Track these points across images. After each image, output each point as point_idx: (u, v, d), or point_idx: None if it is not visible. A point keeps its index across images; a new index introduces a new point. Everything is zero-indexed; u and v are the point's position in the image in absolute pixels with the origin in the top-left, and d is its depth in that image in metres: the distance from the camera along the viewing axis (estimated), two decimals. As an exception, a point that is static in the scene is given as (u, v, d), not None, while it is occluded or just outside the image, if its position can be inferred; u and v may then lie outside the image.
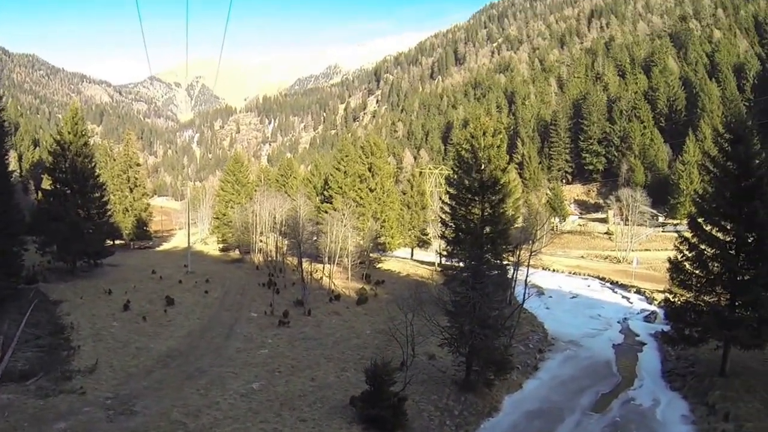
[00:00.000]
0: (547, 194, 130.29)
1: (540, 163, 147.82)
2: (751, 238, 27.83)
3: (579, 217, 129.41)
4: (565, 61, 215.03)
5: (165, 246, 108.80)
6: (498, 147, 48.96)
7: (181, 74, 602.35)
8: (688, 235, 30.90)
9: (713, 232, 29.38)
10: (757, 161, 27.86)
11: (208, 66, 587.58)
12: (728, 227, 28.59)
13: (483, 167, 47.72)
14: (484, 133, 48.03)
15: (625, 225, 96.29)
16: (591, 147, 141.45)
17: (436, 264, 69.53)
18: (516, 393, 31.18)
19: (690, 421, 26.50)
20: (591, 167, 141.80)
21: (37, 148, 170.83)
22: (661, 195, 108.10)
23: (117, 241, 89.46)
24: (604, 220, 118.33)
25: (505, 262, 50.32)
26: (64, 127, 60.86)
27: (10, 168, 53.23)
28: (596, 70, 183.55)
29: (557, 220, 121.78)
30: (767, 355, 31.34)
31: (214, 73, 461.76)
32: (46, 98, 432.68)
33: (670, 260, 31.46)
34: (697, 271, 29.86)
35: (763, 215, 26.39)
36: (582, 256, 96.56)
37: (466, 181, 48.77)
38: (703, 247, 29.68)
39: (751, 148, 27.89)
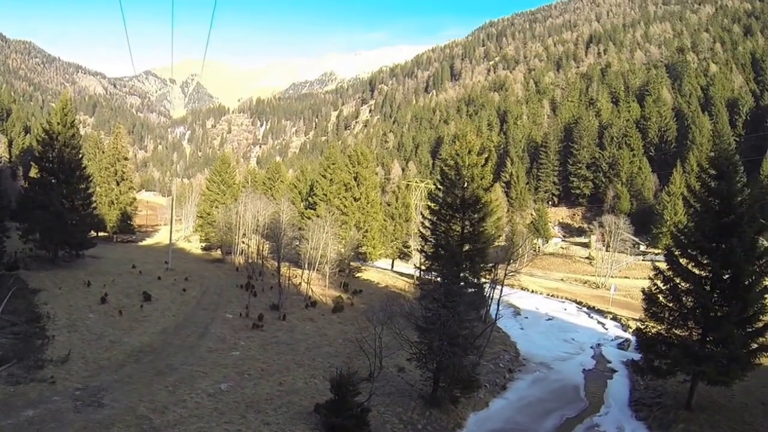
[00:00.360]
0: (532, 215, 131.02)
1: (527, 183, 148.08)
2: (727, 275, 28.01)
3: (562, 240, 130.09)
4: (560, 84, 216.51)
5: (148, 241, 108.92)
6: (482, 166, 49.30)
7: (176, 71, 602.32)
8: (663, 267, 31.11)
9: (689, 266, 29.62)
10: (739, 199, 28.23)
11: (204, 66, 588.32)
12: (704, 262, 28.77)
13: (466, 185, 48.08)
14: (469, 152, 48.35)
15: (607, 251, 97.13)
16: (579, 171, 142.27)
17: (415, 277, 69.96)
18: (482, 411, 31.35)
19: None
20: (578, 191, 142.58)
21: (28, 134, 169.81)
22: (645, 224, 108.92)
23: (100, 233, 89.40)
24: (586, 245, 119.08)
25: (482, 281, 50.68)
26: (54, 117, 61.01)
27: (0, 151, 53.16)
28: (590, 96, 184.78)
29: (540, 241, 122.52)
30: (734, 391, 31.56)
31: (210, 72, 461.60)
32: (40, 86, 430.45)
33: (643, 291, 31.76)
34: (670, 305, 30.08)
35: (740, 253, 26.59)
36: (562, 279, 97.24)
37: (449, 198, 49.17)
38: (678, 280, 29.89)
39: (733, 185, 28.18)
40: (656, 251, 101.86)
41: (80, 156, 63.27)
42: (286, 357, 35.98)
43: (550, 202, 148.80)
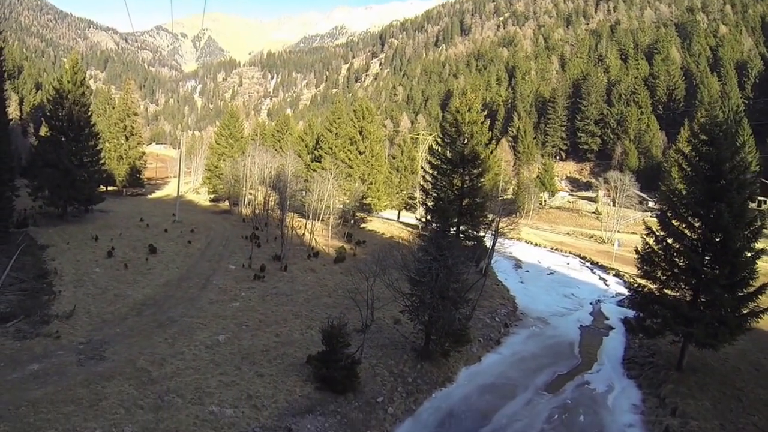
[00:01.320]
0: (538, 169, 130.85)
1: (535, 138, 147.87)
2: (717, 239, 28.11)
3: (569, 194, 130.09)
4: (569, 41, 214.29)
5: (157, 194, 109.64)
6: (481, 123, 49.73)
7: (188, 25, 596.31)
8: (654, 227, 31.33)
9: (681, 228, 29.74)
10: (729, 165, 28.19)
11: (216, 20, 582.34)
12: (696, 225, 28.89)
13: (466, 141, 48.86)
14: (469, 109, 49.17)
15: (613, 207, 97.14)
16: (587, 127, 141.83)
17: (420, 227, 70.59)
18: (474, 366, 31.71)
19: (639, 411, 27.00)
20: (586, 147, 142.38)
21: (39, 91, 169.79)
22: (653, 180, 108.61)
23: (110, 188, 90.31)
24: (593, 200, 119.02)
25: (481, 234, 51.10)
26: (64, 76, 61.38)
27: (11, 110, 53.38)
28: (599, 52, 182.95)
29: (546, 195, 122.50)
30: (729, 354, 31.81)
31: (221, 26, 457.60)
32: (52, 42, 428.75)
33: (636, 250, 32.05)
34: (662, 264, 30.26)
35: (728, 218, 26.67)
36: (568, 233, 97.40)
37: (449, 153, 49.99)
38: (670, 241, 30.08)
39: (724, 152, 28.06)
40: (666, 208, 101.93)
41: (89, 114, 63.80)
42: (285, 308, 36.60)
43: (557, 157, 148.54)
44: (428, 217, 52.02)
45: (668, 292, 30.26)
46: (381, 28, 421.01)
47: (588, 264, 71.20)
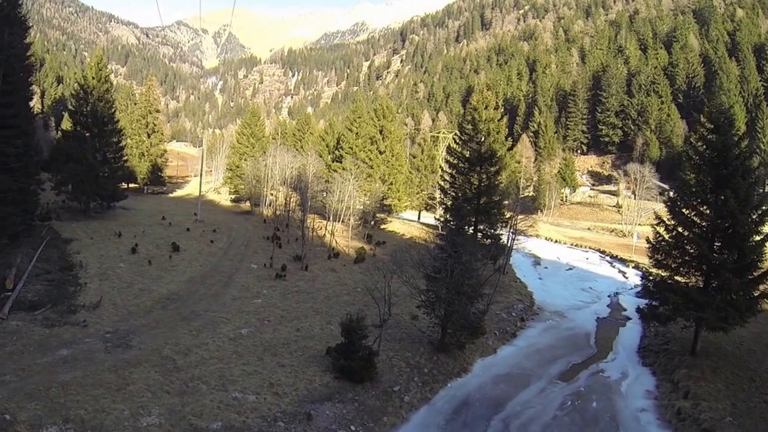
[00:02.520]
0: (560, 164, 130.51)
1: (556, 132, 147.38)
2: (725, 225, 28.71)
3: (590, 188, 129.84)
4: (589, 32, 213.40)
5: (178, 192, 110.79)
6: (498, 121, 50.39)
7: (208, 21, 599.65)
8: (665, 216, 31.96)
9: (691, 215, 30.38)
10: (735, 152, 28.79)
11: (237, 15, 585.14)
12: (704, 212, 29.52)
13: (483, 139, 49.36)
14: (486, 107, 49.97)
15: (634, 199, 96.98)
16: (608, 119, 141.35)
17: (440, 228, 71.13)
18: (489, 357, 32.54)
19: (653, 396, 27.64)
20: (607, 139, 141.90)
21: (61, 85, 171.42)
22: (674, 170, 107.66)
23: (131, 185, 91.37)
24: (615, 193, 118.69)
25: (499, 232, 51.66)
26: (89, 72, 62.61)
27: (32, 103, 54.53)
28: (618, 43, 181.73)
29: (567, 190, 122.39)
30: (744, 338, 32.42)
31: (243, 23, 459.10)
32: (73, 35, 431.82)
33: (647, 240, 32.70)
34: (673, 252, 30.92)
35: (734, 204, 27.28)
36: (589, 228, 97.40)
37: (466, 152, 50.65)
38: (680, 229, 30.71)
39: (729, 139, 28.74)
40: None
41: (113, 110, 64.76)
42: (305, 305, 37.56)
43: (579, 151, 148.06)
44: (447, 216, 52.63)
45: (679, 279, 30.90)
46: (402, 24, 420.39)
47: (607, 258, 71.48)
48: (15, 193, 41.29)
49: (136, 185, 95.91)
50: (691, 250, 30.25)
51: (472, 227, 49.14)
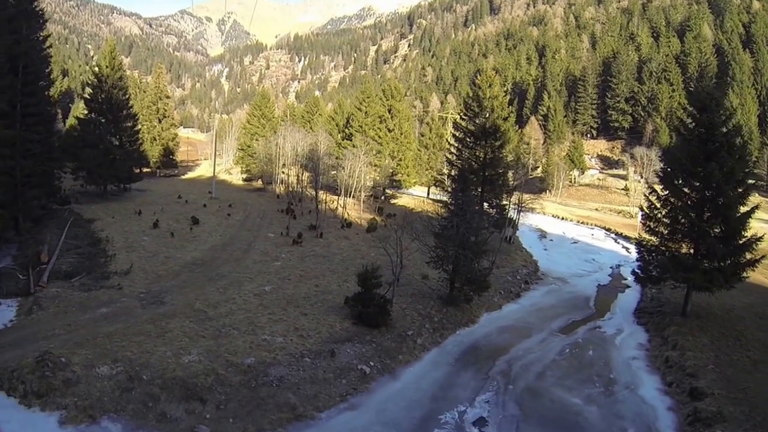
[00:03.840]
0: (568, 147, 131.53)
1: (565, 116, 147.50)
2: (710, 194, 30.95)
3: (599, 172, 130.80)
4: (600, 19, 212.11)
5: (190, 174, 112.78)
6: (502, 98, 53.11)
7: (212, 9, 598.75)
8: (657, 188, 34.31)
9: (681, 187, 32.56)
10: (724, 129, 31.12)
11: (241, 2, 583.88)
12: (695, 184, 31.66)
13: (487, 115, 51.63)
14: (489, 85, 52.53)
15: (640, 182, 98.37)
16: (618, 105, 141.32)
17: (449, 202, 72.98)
18: (494, 312, 35.17)
19: (644, 348, 30.02)
20: (616, 124, 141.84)
21: (66, 78, 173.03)
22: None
23: (144, 169, 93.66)
24: (624, 177, 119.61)
25: (504, 203, 53.84)
26: (102, 61, 65.47)
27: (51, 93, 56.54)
28: (630, 30, 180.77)
29: (576, 172, 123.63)
30: (735, 306, 34.66)
31: (246, 10, 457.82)
32: (75, 29, 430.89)
33: (641, 208, 35.04)
34: (664, 220, 33.25)
35: (718, 176, 29.58)
36: (596, 209, 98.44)
37: (471, 127, 52.70)
38: (672, 200, 32.96)
39: (716, 117, 30.98)
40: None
41: (127, 96, 67.55)
42: (322, 266, 39.91)
43: (588, 135, 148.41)
44: (453, 185, 54.78)
45: (670, 245, 33.11)
46: (409, 8, 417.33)
47: (612, 235, 72.99)
48: (39, 177, 43.71)
49: (148, 169, 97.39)
50: (681, 219, 32.48)
51: (478, 199, 51.22)
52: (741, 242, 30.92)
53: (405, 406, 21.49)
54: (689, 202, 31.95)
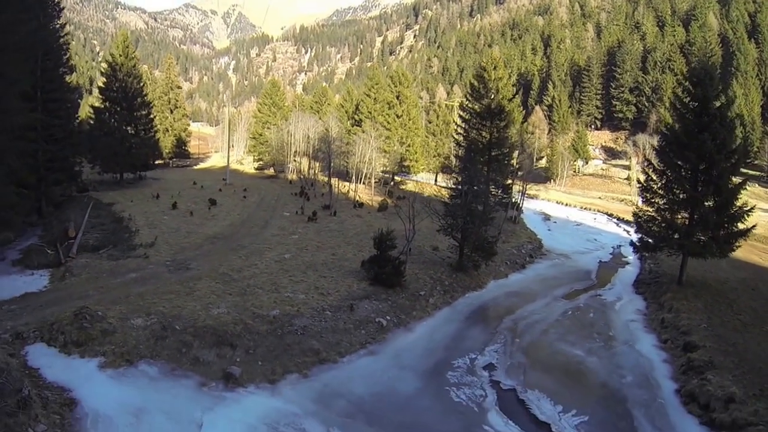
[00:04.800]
0: (572, 138, 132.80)
1: (570, 107, 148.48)
2: (704, 166, 32.74)
3: (603, 162, 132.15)
4: (606, 8, 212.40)
5: (202, 165, 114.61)
6: (506, 80, 55.48)
7: (217, 1, 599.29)
8: (654, 161, 36.30)
9: (675, 161, 34.35)
10: (717, 104, 33.00)
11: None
12: (689, 156, 33.28)
13: (492, 96, 53.69)
14: (494, 67, 54.62)
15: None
16: (622, 95, 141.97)
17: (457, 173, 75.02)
18: (501, 279, 37.39)
19: (642, 313, 31.89)
20: (621, 115, 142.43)
21: (74, 73, 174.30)
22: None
23: (157, 161, 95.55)
24: (627, 167, 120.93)
25: (508, 182, 55.96)
26: (116, 50, 67.27)
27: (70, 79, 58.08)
28: (635, 20, 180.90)
29: (580, 162, 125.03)
30: (730, 279, 36.66)
31: (252, 2, 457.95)
32: (80, 24, 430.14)
33: (638, 180, 37.00)
34: (660, 192, 35.18)
35: (711, 146, 31.51)
36: (599, 197, 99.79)
37: (477, 107, 54.77)
38: (668, 172, 34.80)
39: (710, 92, 32.77)
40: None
41: (141, 85, 69.23)
42: (338, 239, 42.03)
43: (592, 126, 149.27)
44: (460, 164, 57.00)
45: (666, 215, 35.04)
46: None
47: (615, 219, 74.69)
48: (61, 162, 45.64)
49: (160, 161, 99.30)
50: (676, 189, 34.37)
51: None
52: (733, 211, 32.68)
53: (420, 353, 23.45)
54: (684, 173, 33.74)
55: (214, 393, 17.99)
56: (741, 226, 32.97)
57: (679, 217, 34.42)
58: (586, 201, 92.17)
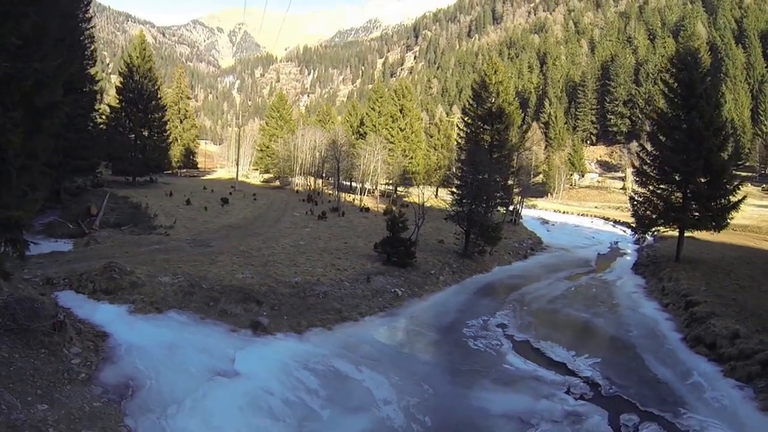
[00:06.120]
0: (569, 154, 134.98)
1: (566, 123, 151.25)
2: (694, 144, 34.80)
3: (599, 176, 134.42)
4: (599, 24, 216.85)
5: (208, 177, 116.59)
6: (506, 83, 58.74)
7: (223, 20, 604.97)
8: (648, 147, 38.80)
9: (666, 143, 36.74)
10: (704, 87, 35.31)
11: (251, 14, 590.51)
12: (676, 137, 35.65)
13: (493, 99, 56.53)
14: (495, 72, 57.60)
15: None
16: (616, 108, 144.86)
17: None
18: (505, 266, 39.60)
19: (642, 287, 34.07)
20: (615, 129, 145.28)
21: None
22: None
23: (165, 171, 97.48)
24: (623, 178, 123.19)
25: (510, 182, 58.37)
26: (133, 51, 69.23)
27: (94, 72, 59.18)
28: (628, 34, 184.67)
29: (576, 176, 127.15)
30: (726, 256, 39.00)
31: (256, 21, 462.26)
32: (91, 35, 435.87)
33: (633, 165, 40.49)
34: (653, 173, 37.69)
35: (699, 124, 33.87)
36: (596, 207, 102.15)
37: (479, 111, 57.54)
38: (659, 153, 37.30)
39: (695, 75, 35.32)
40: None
41: (156, 87, 71.05)
42: (348, 233, 43.87)
43: (588, 141, 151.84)
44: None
45: (660, 193, 37.42)
46: (414, 20, 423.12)
47: (611, 222, 77.35)
48: (81, 150, 47.20)
49: (169, 170, 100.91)
50: (668, 168, 36.63)
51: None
52: (724, 182, 34.91)
53: (435, 315, 25.24)
54: (675, 152, 35.76)
55: (244, 337, 19.35)
56: (732, 198, 35.03)
57: (674, 197, 36.57)
58: (583, 210, 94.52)
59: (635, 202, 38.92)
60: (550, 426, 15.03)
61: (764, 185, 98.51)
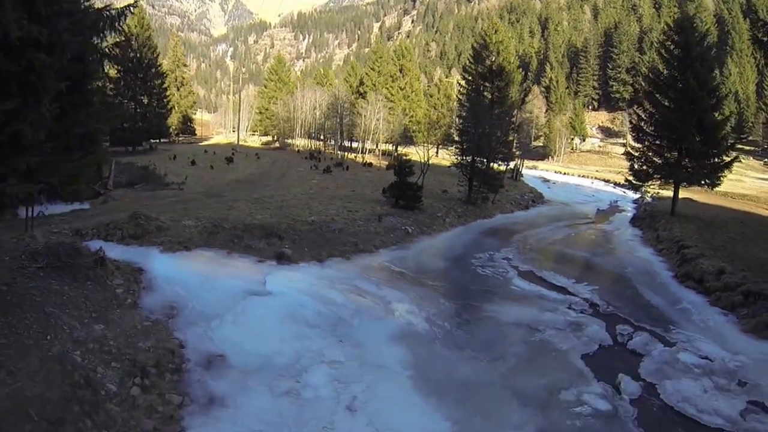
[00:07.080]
0: (570, 118, 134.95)
1: (567, 88, 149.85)
2: (689, 104, 35.89)
3: (600, 141, 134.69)
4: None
5: (206, 142, 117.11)
6: (506, 42, 60.27)
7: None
8: (647, 105, 40.30)
9: (663, 101, 38.10)
10: (698, 49, 36.49)
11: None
12: (672, 96, 36.93)
13: (493, 58, 57.52)
14: (495, 32, 58.76)
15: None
16: (619, 75, 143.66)
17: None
18: (507, 214, 41.35)
19: (639, 236, 35.60)
20: (617, 95, 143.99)
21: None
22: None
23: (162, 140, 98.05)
24: (624, 144, 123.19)
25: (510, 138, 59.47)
26: (131, 20, 68.88)
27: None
28: (632, 1, 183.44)
29: (577, 140, 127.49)
30: (721, 216, 40.09)
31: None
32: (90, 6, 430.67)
33: (630, 122, 41.55)
34: (649, 129, 39.17)
35: (693, 84, 34.93)
36: (597, 170, 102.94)
37: (479, 69, 58.36)
38: (655, 110, 38.83)
39: (691, 39, 36.49)
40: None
41: (156, 55, 71.53)
42: (354, 184, 44.99)
43: (590, 107, 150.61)
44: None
45: (656, 149, 38.80)
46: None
47: (611, 184, 78.16)
48: (88, 119, 47.76)
49: (166, 139, 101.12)
50: (663, 126, 37.86)
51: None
52: (717, 140, 36.28)
53: (444, 249, 27.05)
54: (669, 109, 37.14)
55: (271, 265, 20.78)
56: (726, 158, 36.42)
57: (669, 154, 37.79)
58: (584, 172, 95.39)
59: (632, 157, 40.18)
60: (554, 332, 16.93)
61: (766, 159, 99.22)
